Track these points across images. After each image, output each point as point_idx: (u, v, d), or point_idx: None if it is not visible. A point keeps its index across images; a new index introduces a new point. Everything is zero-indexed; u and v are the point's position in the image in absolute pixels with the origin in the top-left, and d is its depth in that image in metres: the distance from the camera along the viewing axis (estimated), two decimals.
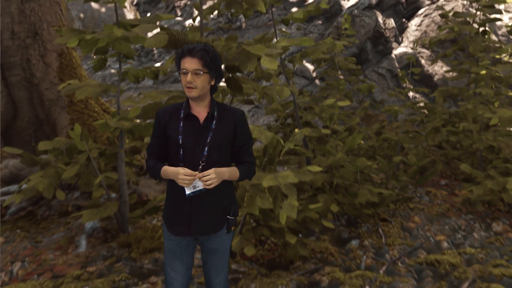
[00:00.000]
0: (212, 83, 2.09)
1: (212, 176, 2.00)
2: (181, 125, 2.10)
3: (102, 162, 4.27)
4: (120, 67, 4.06)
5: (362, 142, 6.01)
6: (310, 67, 10.36)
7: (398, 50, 10.51)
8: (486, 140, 5.61)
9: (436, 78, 10.29)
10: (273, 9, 5.96)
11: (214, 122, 2.09)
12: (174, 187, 2.11)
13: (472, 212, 5.06)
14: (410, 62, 9.94)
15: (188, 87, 2.06)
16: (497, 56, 8.34)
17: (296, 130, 5.35)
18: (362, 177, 4.56)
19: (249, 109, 9.21)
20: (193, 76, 2.03)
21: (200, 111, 2.12)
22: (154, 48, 11.74)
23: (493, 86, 6.35)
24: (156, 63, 11.48)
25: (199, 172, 2.02)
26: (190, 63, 2.03)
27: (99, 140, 5.49)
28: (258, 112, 9.24)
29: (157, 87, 10.55)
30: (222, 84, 6.82)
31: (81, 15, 11.90)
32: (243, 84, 3.66)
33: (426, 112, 7.31)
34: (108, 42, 3.76)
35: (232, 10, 9.52)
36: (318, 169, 3.39)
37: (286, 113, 6.20)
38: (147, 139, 4.31)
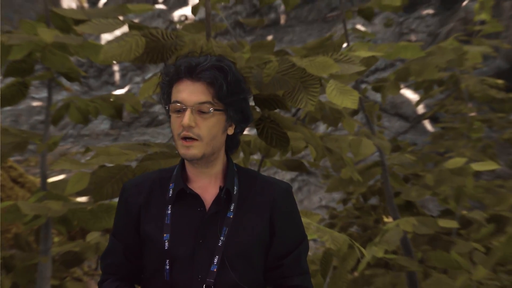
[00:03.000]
0: (231, 130, 1.74)
1: None
2: (169, 212, 1.72)
3: (8, 281, 3.18)
4: (49, 96, 3.24)
5: None
6: (412, 96, 7.55)
7: None
8: None
9: None
10: None
11: (232, 208, 1.71)
12: None
13: None
14: None
15: (183, 138, 1.67)
16: None
17: (388, 220, 4.43)
18: None
19: (292, 178, 7.17)
20: (195, 116, 1.67)
21: (206, 185, 1.75)
22: (114, 64, 9.89)
23: None
24: (117, 89, 9.37)
25: None
26: (190, 92, 1.68)
27: (3, 238, 4.20)
28: (311, 184, 7.29)
29: (118, 134, 8.80)
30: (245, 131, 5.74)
31: None
32: (288, 131, 3.01)
33: None
34: (32, 52, 3.07)
35: None
36: None
37: (367, 186, 4.82)
38: (97, 237, 3.30)
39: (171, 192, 1.76)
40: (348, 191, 5.23)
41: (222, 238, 1.71)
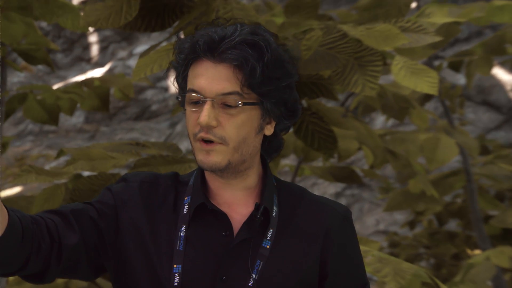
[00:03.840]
0: (269, 130, 1.78)
1: None
2: (183, 234, 1.76)
3: None
4: (2, 79, 3.45)
5: None
6: (507, 78, 8.05)
7: None
8: None
9: None
10: None
11: (270, 235, 1.76)
12: None
13: None
14: None
15: (202, 141, 1.71)
16: None
17: (474, 253, 4.49)
18: None
19: (338, 192, 7.64)
20: (217, 111, 1.71)
21: (234, 201, 1.81)
22: (90, 33, 10.26)
23: None
24: (94, 68, 9.89)
25: None
26: (211, 78, 1.71)
27: None
28: (364, 200, 7.75)
29: (96, 130, 9.10)
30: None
31: None
32: (334, 127, 3.23)
33: None
34: None
35: None
36: None
37: (444, 204, 5.10)
38: None
39: (186, 207, 1.82)
40: (417, 211, 5.39)
41: (254, 276, 1.75)
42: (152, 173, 1.94)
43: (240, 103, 1.72)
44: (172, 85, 1.93)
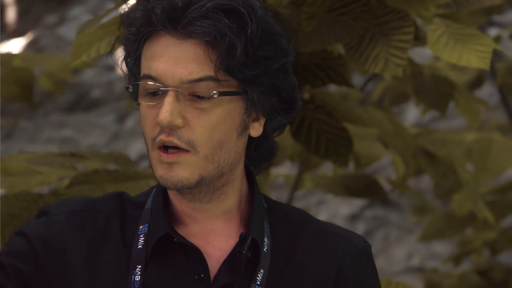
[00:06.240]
0: (256, 129, 1.87)
1: None
2: (137, 279, 1.83)
3: None
4: None
5: None
6: None
7: None
8: None
9: None
10: None
11: (260, 278, 1.84)
12: None
13: None
14: None
15: (162, 149, 1.79)
16: None
17: None
18: None
19: (354, 213, 7.90)
20: (182, 105, 1.78)
21: (210, 232, 1.89)
22: None
23: None
24: (8, 39, 10.38)
25: None
26: (173, 60, 1.78)
27: None
28: (390, 225, 8.16)
29: (13, 127, 9.60)
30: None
31: None
32: (348, 123, 3.33)
33: None
34: None
35: None
36: None
37: (500, 230, 5.23)
38: None
39: (141, 240, 1.86)
40: (464, 240, 5.50)
41: None
42: (84, 198, 1.98)
43: (214, 93, 1.76)
44: (119, 67, 1.97)
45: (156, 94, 1.78)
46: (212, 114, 1.78)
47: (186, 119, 1.77)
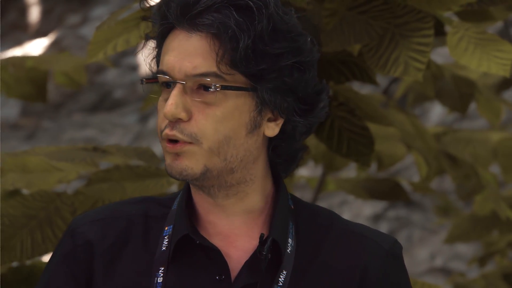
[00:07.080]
0: (271, 129, 1.84)
1: None
2: (160, 281, 1.83)
3: None
4: None
5: None
6: None
7: None
8: None
9: None
10: None
11: (283, 279, 1.82)
12: None
13: None
14: None
15: (168, 140, 1.81)
16: None
17: None
18: None
19: (377, 213, 8.14)
20: (187, 98, 1.79)
21: (232, 232, 1.89)
22: None
23: None
24: (31, 40, 10.42)
25: None
26: (181, 54, 1.80)
27: None
28: (413, 226, 8.34)
29: (36, 127, 9.67)
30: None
31: None
32: (370, 122, 3.39)
33: None
34: None
35: None
36: None
37: None
38: None
39: (166, 241, 1.87)
40: (489, 241, 5.51)
41: None
42: (108, 206, 2.01)
43: (217, 87, 1.77)
44: (144, 63, 1.98)
45: (169, 88, 1.81)
46: (217, 108, 1.79)
47: (191, 113, 1.78)
